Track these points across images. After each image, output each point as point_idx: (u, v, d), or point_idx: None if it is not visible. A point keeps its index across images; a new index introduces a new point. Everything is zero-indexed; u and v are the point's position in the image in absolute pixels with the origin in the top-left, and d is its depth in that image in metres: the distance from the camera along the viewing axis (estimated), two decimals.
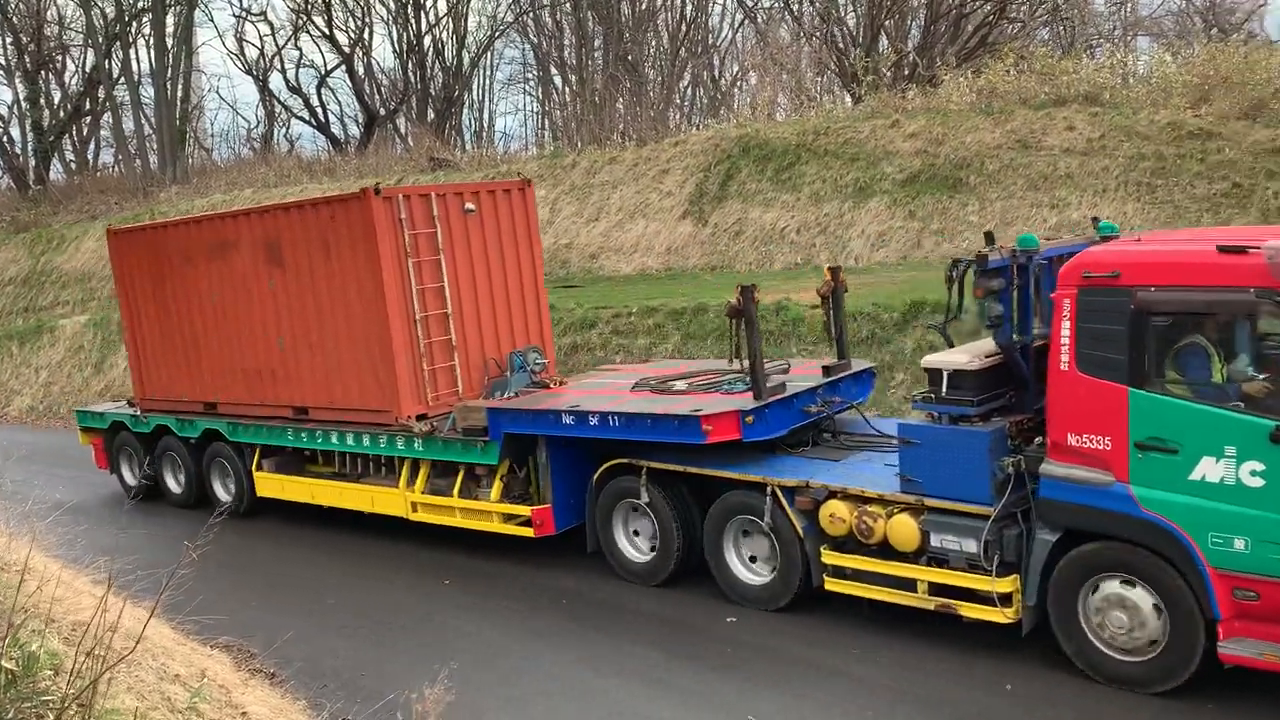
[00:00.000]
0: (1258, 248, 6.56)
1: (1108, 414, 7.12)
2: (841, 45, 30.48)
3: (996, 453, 7.66)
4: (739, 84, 40.19)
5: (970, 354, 8.06)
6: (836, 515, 8.42)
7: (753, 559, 9.26)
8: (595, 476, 10.08)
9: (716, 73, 40.86)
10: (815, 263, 18.84)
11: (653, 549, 9.84)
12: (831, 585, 8.65)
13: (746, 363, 9.21)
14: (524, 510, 10.50)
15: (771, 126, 23.20)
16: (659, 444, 9.38)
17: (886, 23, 30.28)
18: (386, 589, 10.67)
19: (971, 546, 7.71)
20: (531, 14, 44.29)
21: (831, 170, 20.31)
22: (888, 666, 8.01)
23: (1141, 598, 7.15)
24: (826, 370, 10.04)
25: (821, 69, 32.58)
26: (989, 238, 8.29)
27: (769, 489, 8.82)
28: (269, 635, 8.39)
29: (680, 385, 10.20)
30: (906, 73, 26.66)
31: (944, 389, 7.93)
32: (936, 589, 8.02)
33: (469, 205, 11.77)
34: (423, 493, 11.36)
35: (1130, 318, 7.00)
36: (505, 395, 11.12)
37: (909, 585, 8.15)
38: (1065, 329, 7.27)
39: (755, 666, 8.22)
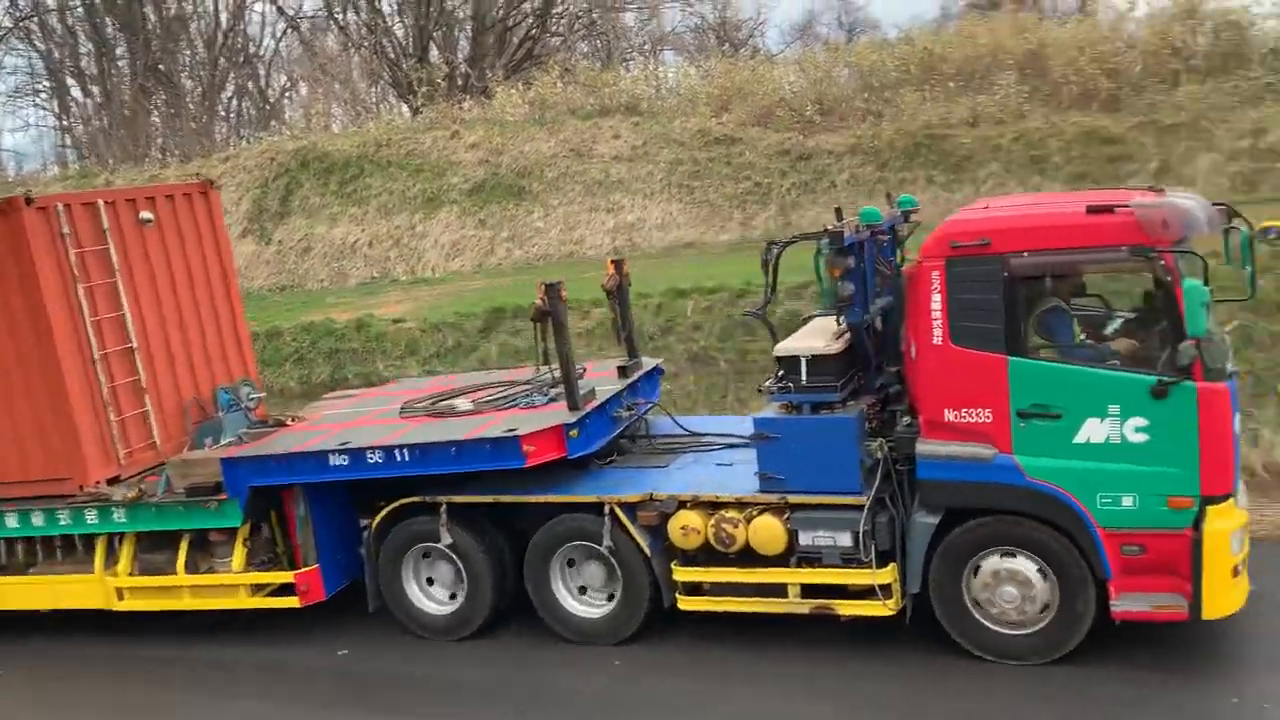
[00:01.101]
0: (1126, 206, 6.59)
1: (987, 386, 6.90)
2: (393, 56, 30.40)
3: (862, 438, 7.37)
4: (289, 95, 38.62)
5: (819, 338, 7.62)
6: (689, 526, 7.59)
7: (583, 590, 8.25)
8: (374, 523, 8.56)
9: (264, 83, 38.89)
10: (392, 276, 18.70)
11: (453, 597, 8.56)
12: (686, 604, 7.83)
13: (557, 370, 8.24)
14: (281, 576, 8.72)
15: (330, 139, 22.61)
16: (460, 475, 8.13)
17: (435, 34, 30.65)
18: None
19: (846, 540, 7.27)
20: (36, 19, 39.25)
21: (398, 182, 20.23)
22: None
23: (1027, 568, 7.02)
24: (622, 371, 9.11)
25: (375, 79, 32.25)
26: (839, 214, 7.93)
27: (606, 508, 7.83)
28: None
29: (464, 405, 8.91)
30: (460, 84, 27.20)
31: (803, 377, 7.39)
32: (809, 591, 7.49)
33: (146, 215, 9.67)
34: (131, 574, 9.06)
35: (1004, 285, 6.78)
36: (222, 442, 9.24)
37: (778, 591, 7.56)
38: (936, 302, 6.95)
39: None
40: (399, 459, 8.06)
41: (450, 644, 8.41)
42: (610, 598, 8.13)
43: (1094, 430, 6.74)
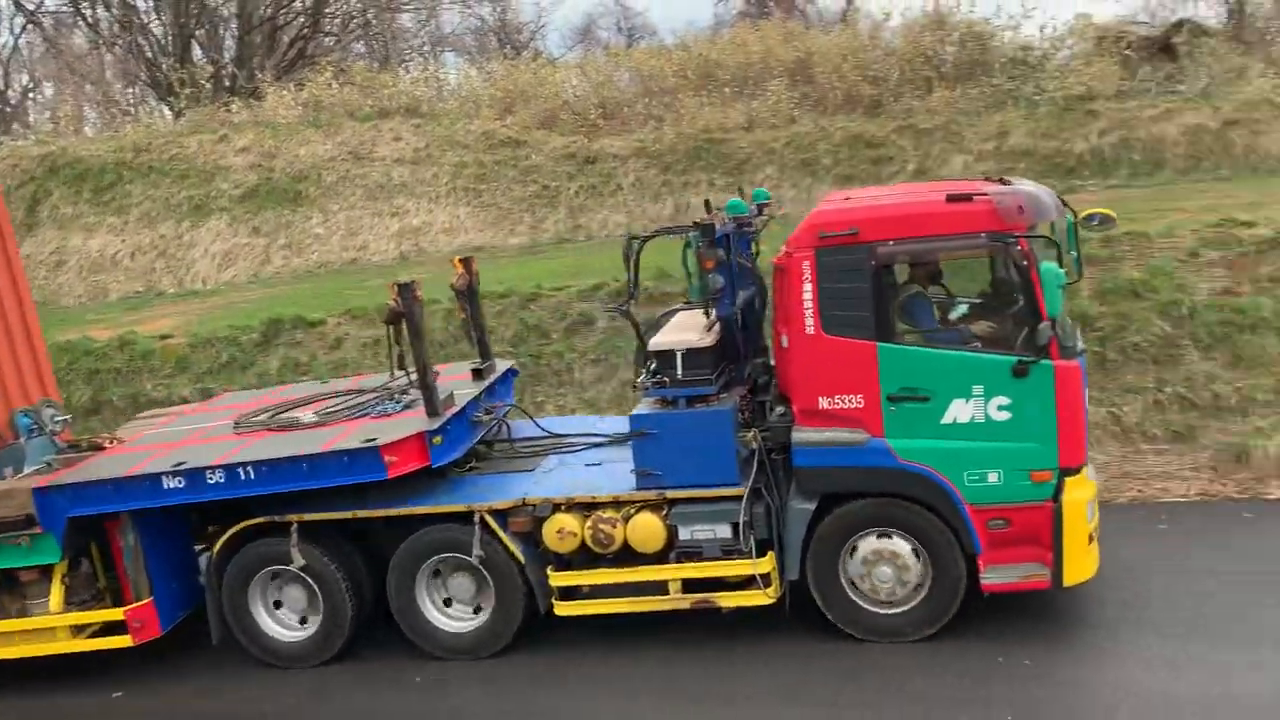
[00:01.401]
0: (984, 194, 6.97)
1: (858, 372, 7.13)
2: (150, 55, 28.46)
3: (737, 429, 7.47)
4: (33, 96, 35.49)
5: (690, 331, 7.65)
6: (566, 529, 7.50)
7: (448, 602, 8.01)
8: (216, 548, 8.02)
9: (3, 84, 35.54)
10: (158, 289, 17.49)
11: (304, 621, 8.15)
12: (563, 610, 7.73)
13: (413, 374, 7.94)
14: (108, 615, 8.03)
15: (83, 143, 20.90)
16: (308, 492, 7.68)
17: (197, 32, 28.93)
18: None
19: (726, 531, 7.38)
20: None
21: (161, 189, 18.93)
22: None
23: (902, 548, 7.30)
24: (478, 374, 8.86)
25: (131, 80, 30.12)
26: (708, 205, 7.93)
27: (476, 517, 7.62)
28: None
29: (308, 417, 8.43)
30: (227, 85, 25.80)
31: (679, 371, 7.42)
32: (689, 586, 7.52)
33: None
34: None
35: (872, 273, 7.03)
36: (26, 470, 8.43)
37: (658, 588, 7.57)
38: (807, 292, 7.13)
39: None
40: (244, 478, 7.56)
41: (306, 671, 8.07)
42: (477, 610, 7.93)
43: (960, 411, 7.05)
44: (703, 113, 18.31)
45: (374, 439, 7.52)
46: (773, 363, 8.10)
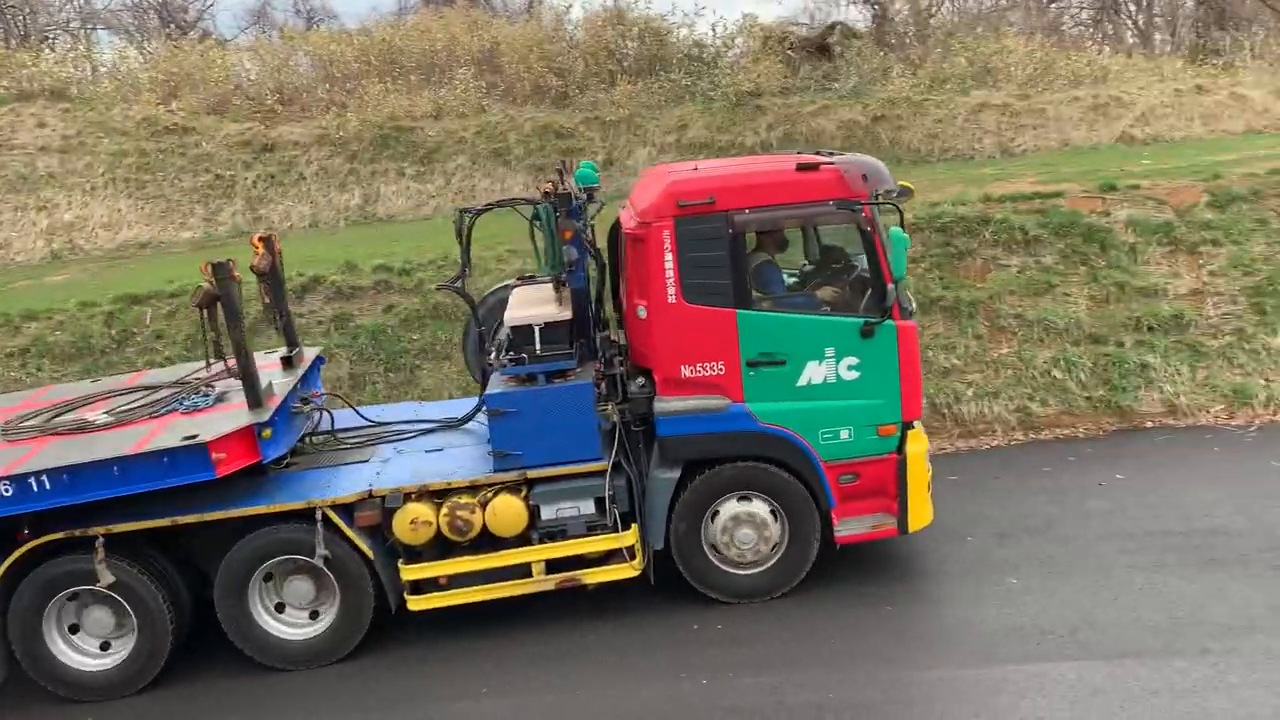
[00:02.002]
0: (830, 163, 7.19)
1: (718, 339, 7.24)
2: None
3: (596, 403, 7.35)
4: None
5: (541, 306, 7.50)
6: (420, 519, 7.11)
7: (280, 608, 7.39)
8: None
9: None
10: None
11: (106, 647, 7.27)
12: (417, 604, 7.34)
13: (220, 365, 7.41)
14: None
15: None
16: (106, 501, 6.80)
17: None
18: None
19: (590, 508, 7.31)
20: None
21: None
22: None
23: (761, 509, 7.52)
24: (287, 362, 8.18)
25: None
26: (562, 175, 7.78)
27: (318, 514, 7.05)
28: None
29: (100, 417, 7.39)
30: None
31: (537, 346, 7.28)
32: (552, 566, 7.37)
33: None
34: None
35: (729, 241, 7.13)
36: None
37: (520, 572, 7.35)
38: (668, 261, 7.16)
39: None
40: (37, 488, 6.68)
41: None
42: (314, 615, 7.43)
43: (814, 372, 7.38)
44: (388, 100, 17.82)
45: (195, 435, 6.86)
46: (617, 336, 8.08)
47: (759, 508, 7.62)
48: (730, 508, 7.61)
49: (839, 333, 7.39)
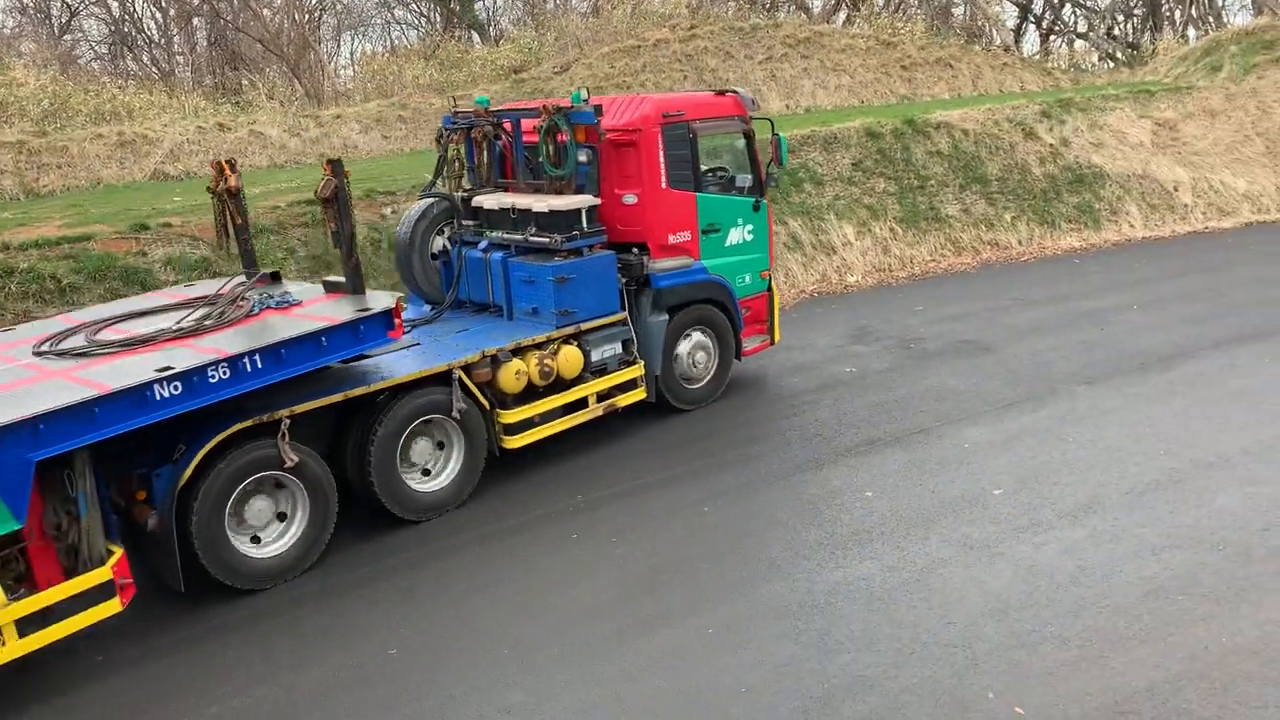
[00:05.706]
0: (735, 91, 10.79)
1: (686, 215, 10.31)
2: None
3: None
4: None
5: (550, 198, 9.54)
6: (521, 371, 8.93)
7: (426, 473, 8.62)
8: (189, 469, 6.90)
9: None
10: None
11: (281, 535, 7.60)
12: (512, 443, 8.98)
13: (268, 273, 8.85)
14: (81, 583, 6.23)
15: None
16: (278, 384, 7.12)
17: None
18: None
19: (618, 349, 9.89)
20: None
21: None
22: None
23: (708, 336, 10.82)
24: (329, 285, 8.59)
25: None
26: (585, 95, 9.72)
27: (454, 374, 8.46)
28: None
29: (160, 328, 7.48)
30: None
31: (585, 225, 9.52)
32: (599, 398, 9.68)
33: None
34: None
35: (691, 143, 10.17)
36: None
37: (579, 405, 9.53)
38: (661, 158, 9.96)
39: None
40: (248, 369, 6.83)
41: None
42: (445, 465, 8.63)
43: (734, 236, 10.81)
44: None
45: (367, 308, 7.63)
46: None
47: (706, 337, 10.77)
48: (693, 338, 10.65)
49: (743, 209, 10.88)
